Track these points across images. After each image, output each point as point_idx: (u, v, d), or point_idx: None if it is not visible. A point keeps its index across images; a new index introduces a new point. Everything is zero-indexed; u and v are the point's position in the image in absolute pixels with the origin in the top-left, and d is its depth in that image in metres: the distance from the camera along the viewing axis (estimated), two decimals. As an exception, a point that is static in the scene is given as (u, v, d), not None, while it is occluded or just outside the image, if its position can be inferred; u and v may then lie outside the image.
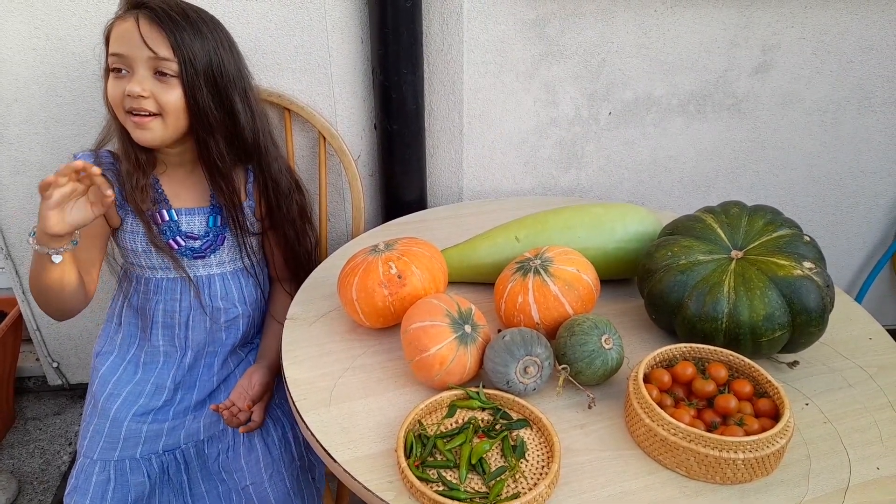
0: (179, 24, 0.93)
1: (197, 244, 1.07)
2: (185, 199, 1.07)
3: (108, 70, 0.96)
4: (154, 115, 0.94)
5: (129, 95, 0.92)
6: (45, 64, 1.22)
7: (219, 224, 1.08)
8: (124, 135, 0.99)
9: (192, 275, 1.08)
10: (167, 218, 1.05)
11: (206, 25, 0.97)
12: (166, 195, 1.05)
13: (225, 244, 1.09)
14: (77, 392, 1.69)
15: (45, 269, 0.91)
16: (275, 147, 1.09)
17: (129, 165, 1.01)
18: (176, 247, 1.06)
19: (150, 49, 0.91)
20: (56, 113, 1.27)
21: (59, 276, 0.93)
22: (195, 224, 1.07)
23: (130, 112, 0.94)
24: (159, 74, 0.93)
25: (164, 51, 0.92)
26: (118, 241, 1.08)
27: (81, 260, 0.99)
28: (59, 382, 1.66)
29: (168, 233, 1.05)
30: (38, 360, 1.64)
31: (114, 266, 1.13)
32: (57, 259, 0.90)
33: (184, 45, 0.93)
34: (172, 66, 0.93)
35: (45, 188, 0.82)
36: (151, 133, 0.95)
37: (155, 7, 0.92)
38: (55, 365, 1.62)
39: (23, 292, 1.48)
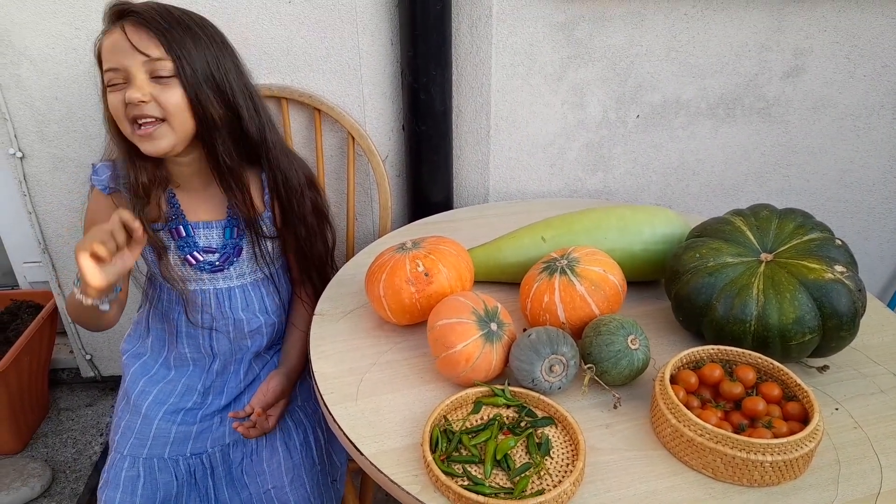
0: (166, 24, 0.90)
1: (214, 258, 1.06)
2: (201, 212, 1.05)
3: (105, 89, 0.94)
4: (159, 120, 0.92)
5: (129, 103, 0.89)
6: (85, 63, 1.26)
7: (235, 236, 1.06)
8: (131, 154, 0.97)
9: (212, 287, 1.07)
10: (184, 234, 1.04)
11: (194, 21, 0.94)
12: (183, 211, 1.05)
13: (242, 255, 1.07)
14: (109, 384, 1.73)
15: (91, 313, 0.90)
16: (280, 140, 1.06)
17: (138, 192, 0.98)
18: (194, 262, 1.05)
19: (142, 52, 0.89)
20: (94, 111, 1.31)
21: (104, 314, 0.93)
22: (212, 238, 1.06)
23: (135, 123, 0.91)
24: (157, 78, 0.90)
25: (157, 51, 0.89)
26: (142, 252, 1.06)
27: None
28: (92, 374, 1.70)
29: (185, 248, 1.04)
30: (71, 352, 1.68)
31: (137, 277, 1.11)
32: (105, 308, 0.89)
33: (175, 43, 0.90)
34: (168, 66, 0.90)
35: (85, 254, 0.80)
36: (160, 141, 0.93)
37: (138, 11, 0.90)
38: (88, 357, 1.66)
39: (59, 286, 1.52)
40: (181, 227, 1.04)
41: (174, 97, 0.91)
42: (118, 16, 0.91)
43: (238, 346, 1.11)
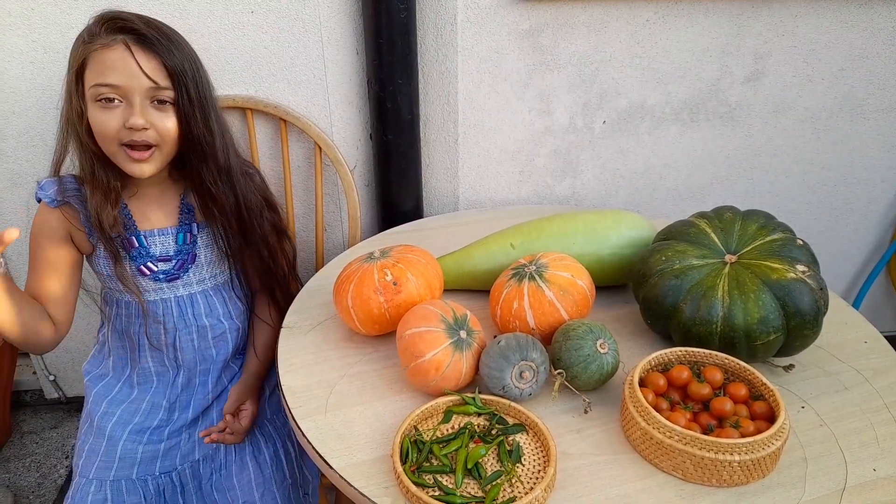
0: (169, 48, 0.89)
1: (169, 266, 1.04)
2: (153, 220, 1.03)
3: (81, 95, 0.90)
4: (152, 146, 0.92)
5: (130, 128, 0.89)
6: (43, 77, 1.23)
7: (188, 241, 1.05)
8: (99, 163, 0.94)
9: (172, 295, 1.05)
10: (137, 244, 1.01)
11: (183, 41, 0.94)
12: (135, 219, 1.02)
13: (199, 260, 1.05)
14: (74, 405, 1.69)
15: None
16: (241, 161, 1.07)
17: (99, 198, 0.95)
18: (148, 273, 1.02)
19: (151, 79, 0.88)
20: (52, 125, 1.27)
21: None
22: (167, 245, 1.03)
23: (128, 145, 0.91)
24: (157, 102, 0.91)
25: (164, 80, 0.89)
26: (93, 267, 1.04)
27: (50, 293, 0.96)
28: (56, 396, 1.65)
29: (139, 259, 1.02)
30: (34, 373, 1.64)
31: (93, 294, 1.09)
32: None
33: (178, 72, 0.90)
34: (170, 94, 0.90)
35: None
36: (150, 166, 0.93)
37: (144, 32, 0.88)
38: (52, 378, 1.61)
39: (19, 305, 1.48)
40: (133, 237, 1.02)
41: (171, 124, 0.92)
42: (120, 30, 0.88)
43: (203, 355, 1.09)
